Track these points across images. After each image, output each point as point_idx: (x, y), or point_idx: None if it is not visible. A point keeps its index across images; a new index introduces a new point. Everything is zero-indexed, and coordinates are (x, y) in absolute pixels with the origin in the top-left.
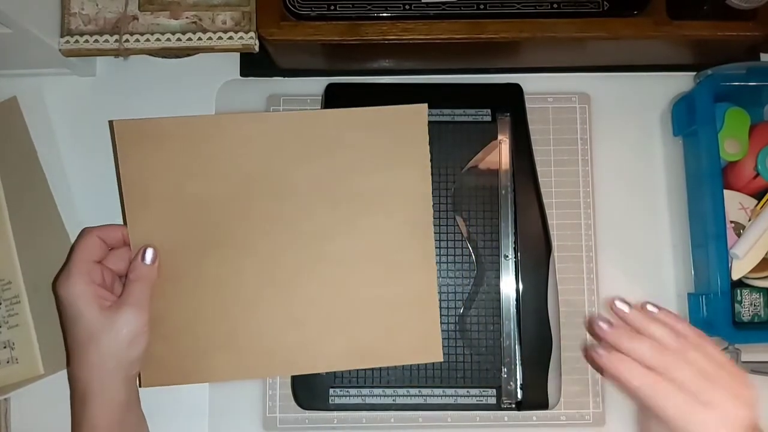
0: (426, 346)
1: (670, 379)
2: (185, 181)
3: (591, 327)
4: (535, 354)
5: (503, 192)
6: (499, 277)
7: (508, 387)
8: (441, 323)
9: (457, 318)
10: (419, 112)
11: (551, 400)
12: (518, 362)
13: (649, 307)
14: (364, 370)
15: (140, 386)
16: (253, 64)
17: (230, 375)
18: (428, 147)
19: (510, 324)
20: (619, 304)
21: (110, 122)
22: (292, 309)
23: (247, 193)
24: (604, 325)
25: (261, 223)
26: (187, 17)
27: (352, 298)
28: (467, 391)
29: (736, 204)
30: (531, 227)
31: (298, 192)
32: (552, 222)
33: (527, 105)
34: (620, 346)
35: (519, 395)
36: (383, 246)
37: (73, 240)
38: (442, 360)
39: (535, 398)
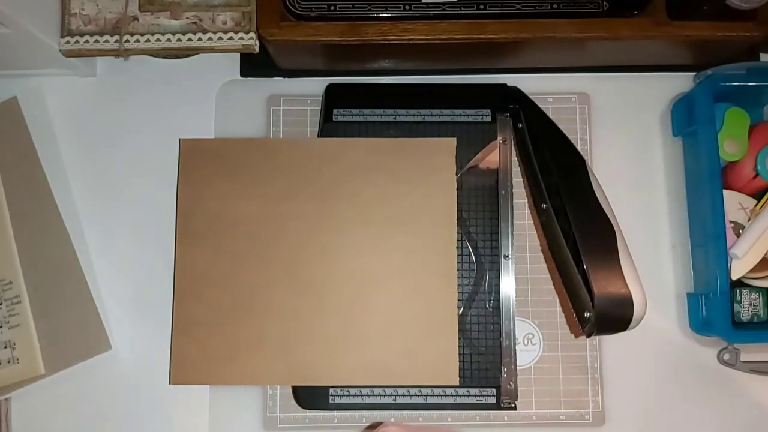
0: (443, 370)
1: None
2: (234, 197)
3: None
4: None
5: (503, 192)
6: (499, 277)
7: (508, 387)
8: None
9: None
10: (448, 145)
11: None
12: (518, 362)
13: None
14: None
15: (169, 383)
16: (253, 65)
17: (253, 380)
18: (455, 177)
19: (510, 324)
20: None
21: (180, 140)
22: (317, 322)
23: (287, 211)
24: None
25: (296, 239)
26: (187, 17)
27: (376, 316)
28: (467, 391)
29: (735, 204)
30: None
31: (334, 212)
32: None
33: None
34: None
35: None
36: (408, 267)
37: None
38: (458, 384)
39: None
